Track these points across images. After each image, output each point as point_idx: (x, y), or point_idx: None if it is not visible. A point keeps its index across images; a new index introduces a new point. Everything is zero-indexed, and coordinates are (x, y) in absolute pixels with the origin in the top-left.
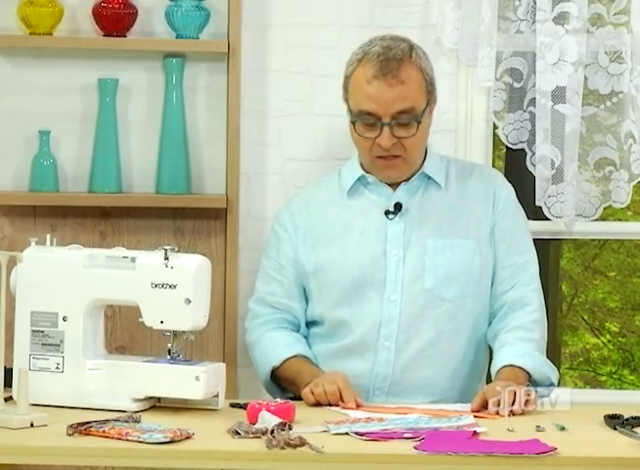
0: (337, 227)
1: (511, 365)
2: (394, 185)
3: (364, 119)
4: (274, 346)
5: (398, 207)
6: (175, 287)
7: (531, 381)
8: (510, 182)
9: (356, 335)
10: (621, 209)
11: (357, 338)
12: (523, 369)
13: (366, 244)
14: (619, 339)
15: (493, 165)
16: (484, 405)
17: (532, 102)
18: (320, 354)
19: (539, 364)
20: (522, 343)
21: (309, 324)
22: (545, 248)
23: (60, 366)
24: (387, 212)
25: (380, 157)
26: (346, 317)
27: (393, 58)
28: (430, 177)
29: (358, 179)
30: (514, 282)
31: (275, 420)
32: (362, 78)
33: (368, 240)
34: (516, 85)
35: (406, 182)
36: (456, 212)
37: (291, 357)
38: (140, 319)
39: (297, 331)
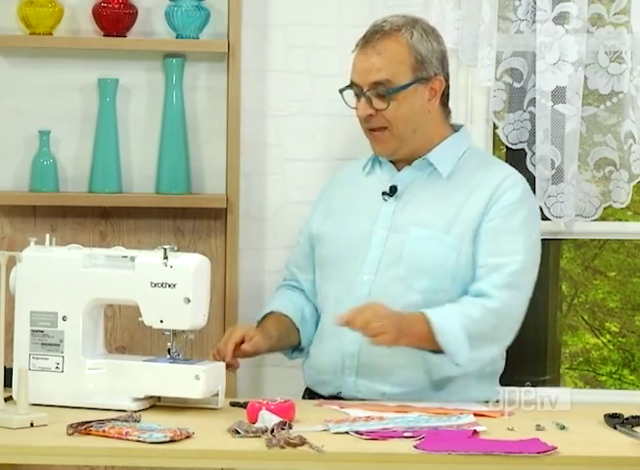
0: (346, 203)
1: (422, 313)
2: (400, 167)
3: (353, 89)
4: (266, 304)
5: (394, 189)
6: (175, 286)
7: (437, 344)
8: None
9: (332, 311)
10: (621, 209)
11: (332, 314)
12: (430, 325)
13: (358, 221)
14: (619, 339)
15: None
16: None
17: (532, 102)
18: (317, 330)
19: (452, 333)
20: (453, 309)
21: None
22: (545, 248)
23: (60, 366)
24: (383, 193)
25: (370, 130)
26: (330, 293)
27: (380, 30)
28: (433, 164)
29: (374, 158)
30: (483, 279)
31: (275, 419)
32: (353, 49)
33: (361, 218)
34: (516, 85)
35: (409, 165)
36: (449, 206)
37: (268, 314)
38: (140, 319)
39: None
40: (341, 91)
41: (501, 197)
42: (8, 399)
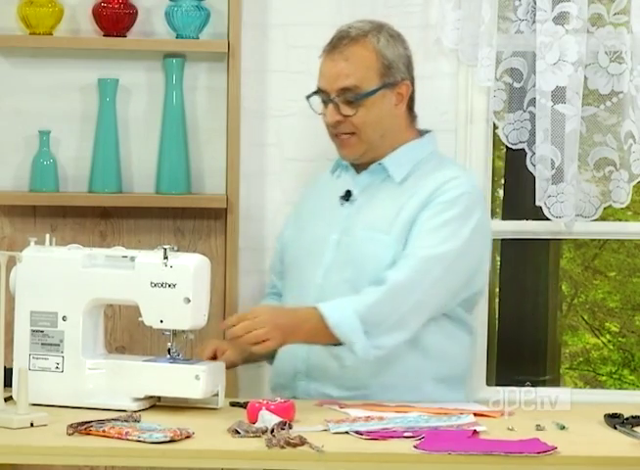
0: (311, 208)
1: (315, 308)
2: (360, 171)
3: (320, 96)
4: None
5: (349, 194)
6: (175, 286)
7: (335, 336)
8: (510, 182)
9: None
10: (621, 209)
11: None
12: (324, 318)
13: (317, 226)
14: (619, 339)
15: (493, 166)
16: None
17: (532, 102)
18: None
19: (346, 323)
20: (348, 299)
21: None
22: (545, 248)
23: (60, 366)
24: (340, 198)
25: (336, 135)
26: (288, 298)
27: (347, 36)
28: (388, 170)
29: (340, 162)
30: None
31: (275, 419)
32: (320, 55)
33: (320, 223)
34: (516, 85)
35: (366, 170)
36: (393, 207)
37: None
38: (140, 318)
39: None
40: (307, 97)
41: (438, 197)
42: (8, 399)
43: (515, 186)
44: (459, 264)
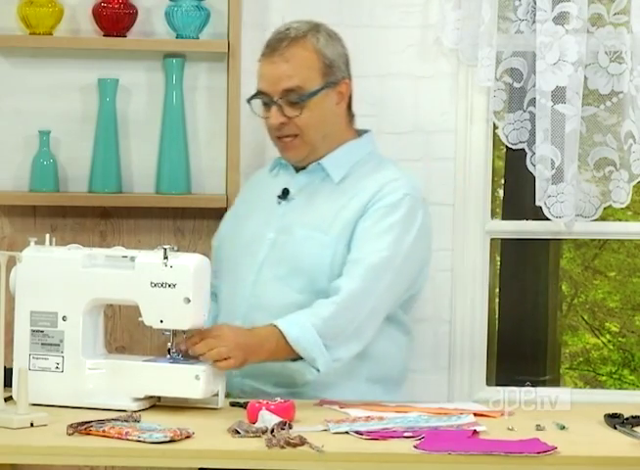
0: (248, 206)
1: (274, 325)
2: (299, 170)
3: (260, 98)
4: None
5: (286, 192)
6: (175, 286)
7: (295, 352)
8: (510, 182)
9: (223, 312)
10: (621, 209)
11: (224, 316)
12: (284, 334)
13: (254, 224)
14: (619, 339)
15: (493, 166)
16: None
17: (532, 102)
18: None
19: (306, 340)
20: (304, 314)
21: None
22: (545, 248)
23: (60, 366)
24: (278, 197)
25: (279, 137)
26: (222, 294)
27: (285, 37)
28: (326, 170)
29: (279, 161)
30: (341, 275)
31: (275, 419)
32: (259, 58)
33: (257, 221)
34: (516, 85)
35: (305, 169)
36: (332, 208)
37: None
38: (140, 319)
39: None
40: (248, 101)
41: (380, 200)
42: (8, 399)
43: (515, 186)
44: (406, 268)
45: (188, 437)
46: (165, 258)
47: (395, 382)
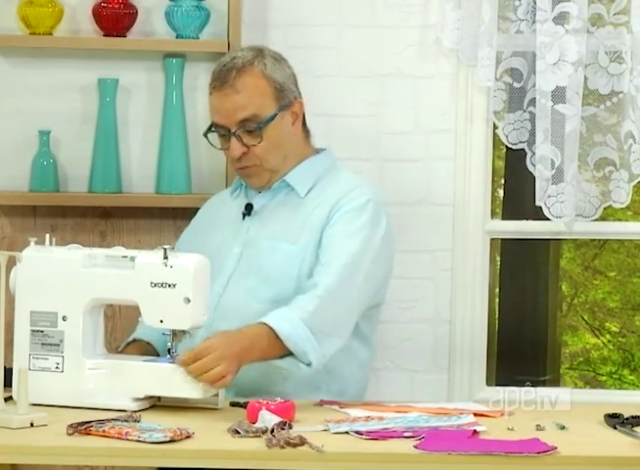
0: (210, 226)
1: (264, 324)
2: (262, 190)
3: (218, 131)
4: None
5: (250, 207)
6: (175, 286)
7: (287, 348)
8: (510, 182)
9: None
10: (621, 209)
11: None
12: (275, 331)
13: (218, 241)
14: (619, 339)
15: (493, 166)
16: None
17: (532, 102)
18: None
19: (298, 335)
20: (289, 310)
21: None
22: (545, 248)
23: (60, 366)
24: (242, 213)
25: (240, 168)
26: None
27: (233, 67)
28: (291, 185)
29: (240, 182)
30: (314, 275)
31: (275, 419)
32: (209, 91)
33: (221, 238)
34: (516, 85)
35: (269, 188)
36: (300, 219)
37: (130, 342)
38: (140, 318)
39: None
40: (205, 134)
41: (344, 205)
42: (8, 399)
43: (515, 186)
44: (375, 269)
45: (188, 437)
46: (165, 258)
47: (354, 398)
